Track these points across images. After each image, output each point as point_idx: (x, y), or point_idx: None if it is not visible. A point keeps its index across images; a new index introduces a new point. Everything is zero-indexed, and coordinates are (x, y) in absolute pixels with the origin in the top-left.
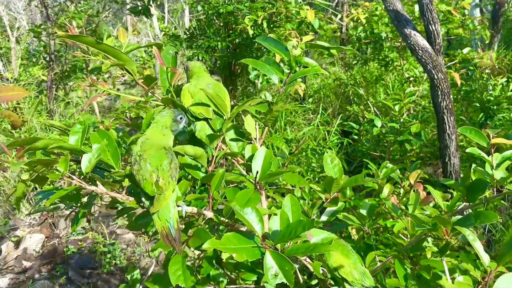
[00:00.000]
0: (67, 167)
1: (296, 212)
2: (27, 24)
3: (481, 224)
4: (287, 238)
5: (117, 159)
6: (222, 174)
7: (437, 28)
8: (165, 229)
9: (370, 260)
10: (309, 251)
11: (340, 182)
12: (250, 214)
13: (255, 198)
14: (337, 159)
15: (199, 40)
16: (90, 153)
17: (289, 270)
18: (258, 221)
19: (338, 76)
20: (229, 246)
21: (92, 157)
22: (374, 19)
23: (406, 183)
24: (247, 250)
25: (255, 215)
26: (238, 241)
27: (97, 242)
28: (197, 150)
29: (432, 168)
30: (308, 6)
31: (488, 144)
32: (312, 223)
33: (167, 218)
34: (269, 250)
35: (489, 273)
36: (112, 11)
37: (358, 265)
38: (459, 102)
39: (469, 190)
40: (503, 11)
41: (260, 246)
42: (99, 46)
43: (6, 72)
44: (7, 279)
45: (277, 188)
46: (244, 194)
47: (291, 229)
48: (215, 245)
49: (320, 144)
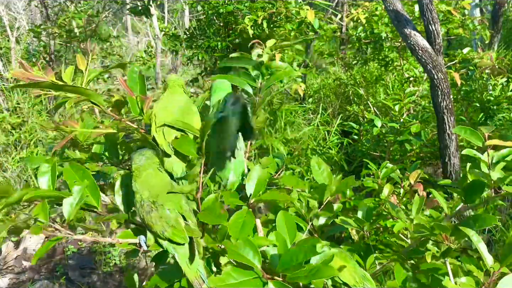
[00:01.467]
0: (47, 215)
1: (291, 228)
2: (27, 24)
3: (480, 227)
4: (289, 266)
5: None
6: (214, 199)
7: (437, 28)
8: (198, 278)
9: (370, 263)
10: (312, 276)
11: (333, 188)
12: (243, 249)
13: (250, 221)
14: (324, 164)
15: (199, 40)
16: (71, 197)
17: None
18: (254, 254)
19: (338, 76)
20: (230, 282)
21: (74, 202)
22: (374, 19)
23: (406, 183)
24: (249, 283)
25: (249, 249)
26: (238, 274)
27: (97, 242)
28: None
29: (432, 168)
30: (308, 6)
31: (484, 143)
32: (313, 250)
33: (198, 267)
34: (271, 280)
35: (492, 274)
36: (112, 11)
37: (357, 268)
38: (459, 102)
39: (467, 191)
40: (503, 11)
41: (260, 277)
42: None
43: (6, 72)
44: (7, 279)
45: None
46: (238, 218)
47: (292, 256)
48: (215, 283)
49: (320, 144)
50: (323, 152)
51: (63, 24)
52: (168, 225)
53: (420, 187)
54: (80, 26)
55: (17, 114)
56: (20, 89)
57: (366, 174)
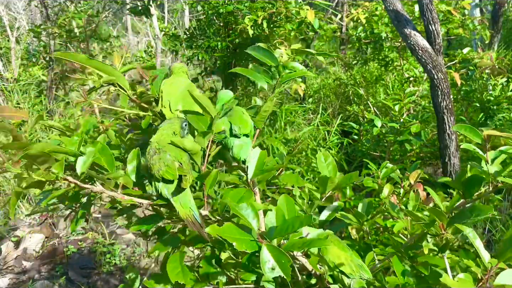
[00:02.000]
0: (62, 168)
1: (291, 210)
2: (27, 24)
3: (477, 217)
4: (284, 233)
5: (112, 163)
6: (216, 174)
7: (437, 28)
8: (190, 216)
9: (369, 259)
10: (306, 245)
11: (335, 180)
12: (245, 209)
13: (248, 196)
14: (331, 157)
15: (199, 40)
16: (85, 156)
17: (285, 263)
18: (254, 216)
19: (338, 76)
20: (230, 234)
21: (87, 159)
22: (374, 19)
23: (406, 183)
24: (246, 241)
25: (251, 210)
26: (238, 232)
27: (97, 242)
28: (195, 145)
29: (432, 168)
30: (308, 6)
31: (483, 140)
32: (309, 219)
33: (191, 205)
34: (265, 244)
35: (489, 270)
36: (112, 11)
37: (354, 258)
38: (459, 102)
39: (465, 186)
40: (503, 11)
41: (257, 240)
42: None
43: (6, 72)
44: (7, 279)
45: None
46: (237, 193)
47: (288, 225)
48: (217, 231)
49: (320, 144)
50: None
51: (63, 24)
52: (164, 164)
53: (420, 187)
54: (80, 26)
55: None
56: (20, 89)
57: (366, 174)
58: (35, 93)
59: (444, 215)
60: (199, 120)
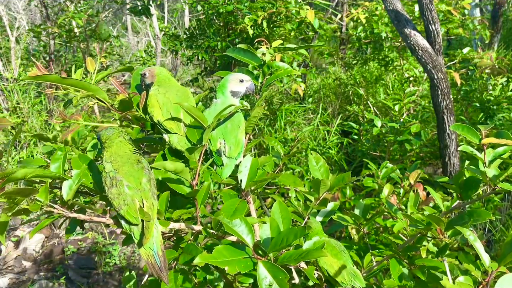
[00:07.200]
0: (48, 196)
1: (286, 218)
2: (27, 24)
3: (475, 222)
4: (279, 247)
5: (100, 183)
6: (208, 187)
7: (437, 28)
8: (150, 257)
9: (367, 261)
10: (302, 258)
11: (328, 183)
12: (239, 225)
13: (242, 207)
14: (322, 160)
15: (199, 40)
16: (71, 179)
17: (282, 279)
18: (248, 232)
19: (338, 76)
20: (220, 259)
21: (73, 183)
22: (374, 19)
23: (406, 183)
24: (239, 262)
25: (244, 226)
26: (229, 253)
27: (97, 242)
28: (177, 165)
29: (432, 168)
30: (308, 6)
31: (480, 141)
32: (303, 230)
33: (151, 245)
34: (261, 260)
35: (490, 274)
36: (112, 11)
37: (348, 266)
38: (459, 102)
39: (462, 187)
40: (503, 11)
41: (252, 257)
42: (65, 81)
43: (6, 72)
44: (7, 279)
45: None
46: (231, 204)
47: (283, 237)
48: (206, 259)
49: (320, 144)
50: (323, 152)
51: (63, 24)
52: (124, 203)
53: (420, 187)
54: (80, 26)
55: (17, 114)
56: (20, 89)
57: (366, 174)
58: (35, 93)
59: (441, 220)
60: (193, 132)
